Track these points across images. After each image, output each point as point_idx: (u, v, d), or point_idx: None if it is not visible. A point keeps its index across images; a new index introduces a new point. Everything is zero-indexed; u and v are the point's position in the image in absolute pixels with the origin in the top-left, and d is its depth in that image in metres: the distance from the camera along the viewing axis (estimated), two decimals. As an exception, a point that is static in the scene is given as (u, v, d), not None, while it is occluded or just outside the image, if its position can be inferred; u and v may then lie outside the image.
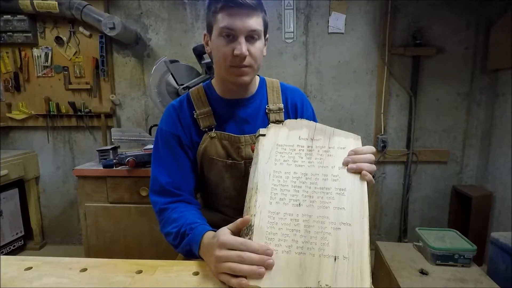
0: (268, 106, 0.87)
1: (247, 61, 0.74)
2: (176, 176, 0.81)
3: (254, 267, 0.51)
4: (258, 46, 0.75)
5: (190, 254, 0.68)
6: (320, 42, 2.12)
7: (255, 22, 0.72)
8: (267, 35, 0.82)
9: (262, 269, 0.51)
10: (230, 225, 0.59)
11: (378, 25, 2.07)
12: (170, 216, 0.76)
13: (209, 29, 0.77)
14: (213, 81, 0.88)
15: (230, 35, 0.72)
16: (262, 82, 0.90)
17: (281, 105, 0.88)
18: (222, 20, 0.71)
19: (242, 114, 0.85)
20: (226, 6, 0.70)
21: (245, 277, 0.51)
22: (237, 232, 0.58)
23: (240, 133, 0.84)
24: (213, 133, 0.82)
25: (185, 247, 0.69)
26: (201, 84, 0.90)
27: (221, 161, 0.83)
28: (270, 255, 0.52)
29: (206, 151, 0.83)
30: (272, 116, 0.86)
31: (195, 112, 0.83)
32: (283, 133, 0.69)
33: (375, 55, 2.11)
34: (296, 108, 0.90)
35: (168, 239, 0.76)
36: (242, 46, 0.71)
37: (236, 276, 0.51)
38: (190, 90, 0.88)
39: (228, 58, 0.73)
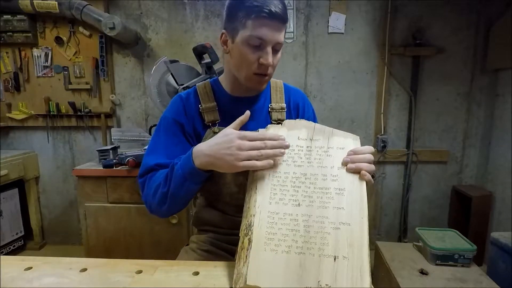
0: (271, 105, 0.88)
1: (269, 70, 0.76)
2: (172, 158, 0.79)
3: (276, 150, 0.62)
4: (279, 56, 0.78)
5: (183, 179, 0.68)
6: (320, 42, 2.12)
7: (282, 35, 0.74)
8: None
9: (283, 150, 0.62)
10: (233, 124, 0.69)
11: (378, 25, 2.07)
12: (156, 177, 0.76)
13: (232, 31, 0.75)
14: (221, 78, 0.89)
15: (259, 45, 0.73)
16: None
17: (284, 105, 0.89)
18: (253, 29, 0.71)
19: (246, 111, 0.86)
20: (260, 15, 0.70)
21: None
22: (238, 128, 0.68)
23: (243, 129, 0.84)
24: (216, 129, 0.83)
25: (176, 178, 0.69)
26: (208, 80, 0.91)
27: None
28: (283, 139, 0.64)
29: None
30: (275, 115, 0.88)
31: (201, 106, 0.84)
32: (282, 133, 0.70)
33: (375, 55, 2.11)
34: (298, 108, 0.92)
35: (156, 197, 0.73)
36: (269, 57, 0.73)
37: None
38: (197, 84, 0.88)
39: (252, 65, 0.75)
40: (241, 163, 0.60)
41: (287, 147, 0.63)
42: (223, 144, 0.63)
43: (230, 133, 0.64)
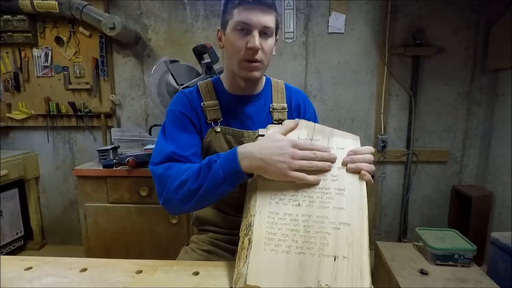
0: (272, 104, 0.89)
1: (259, 55, 0.76)
2: (186, 149, 0.77)
3: (325, 163, 0.61)
4: (270, 43, 0.78)
5: (222, 180, 0.63)
6: (320, 42, 2.12)
7: (269, 19, 0.75)
8: (277, 36, 0.84)
9: (330, 164, 0.62)
10: (281, 130, 0.67)
11: (378, 25, 2.07)
12: (178, 169, 0.70)
13: (224, 24, 0.79)
14: (222, 76, 0.89)
15: (245, 29, 0.74)
16: (268, 81, 0.92)
17: (285, 105, 0.90)
18: (238, 15, 0.74)
19: (247, 110, 0.87)
20: (243, 1, 0.73)
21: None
22: (286, 135, 0.67)
23: (244, 128, 0.85)
24: (217, 128, 0.83)
25: (213, 177, 0.63)
26: (209, 78, 0.91)
27: None
28: (330, 151, 0.63)
29: (210, 145, 0.84)
30: (276, 115, 0.88)
31: (203, 103, 0.84)
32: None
33: (375, 55, 2.11)
34: (299, 108, 0.92)
35: (179, 193, 0.67)
36: (256, 39, 0.73)
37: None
38: (199, 83, 0.89)
39: (241, 51, 0.75)
40: (293, 173, 0.59)
41: (334, 159, 0.62)
42: (276, 149, 0.60)
43: (281, 139, 0.62)
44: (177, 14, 2.12)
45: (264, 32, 0.75)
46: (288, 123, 0.69)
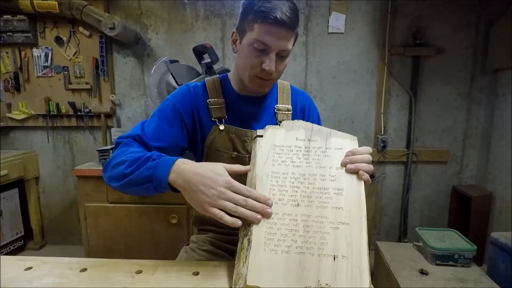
0: (277, 106, 0.89)
1: (272, 75, 0.76)
2: (153, 140, 0.76)
3: (254, 213, 0.56)
4: (285, 62, 0.77)
5: (148, 179, 0.62)
6: (320, 42, 2.12)
7: (288, 42, 0.73)
8: (293, 46, 0.82)
9: (260, 216, 0.56)
10: (228, 166, 0.62)
11: (378, 25, 2.07)
12: (130, 149, 0.69)
13: (241, 31, 0.76)
14: (230, 75, 0.89)
15: (262, 49, 0.72)
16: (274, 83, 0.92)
17: (290, 106, 0.90)
18: (258, 33, 0.71)
19: (252, 110, 0.87)
20: (266, 21, 0.69)
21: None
22: (230, 174, 0.61)
23: (248, 128, 0.85)
24: (221, 126, 0.83)
25: (143, 172, 0.62)
26: (217, 75, 0.90)
27: (227, 153, 0.84)
28: (270, 205, 0.57)
29: (213, 143, 0.84)
30: (280, 116, 0.88)
31: (209, 100, 0.84)
32: (281, 134, 0.70)
33: (375, 55, 2.11)
34: (304, 110, 0.93)
35: (115, 169, 0.67)
36: (272, 63, 0.72)
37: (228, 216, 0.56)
38: (206, 79, 0.88)
39: (255, 68, 0.75)
40: (211, 208, 0.56)
41: (267, 215, 0.57)
42: (207, 180, 0.58)
43: (221, 174, 0.59)
44: (177, 14, 2.12)
45: (281, 55, 0.74)
46: (245, 170, 0.64)
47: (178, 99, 0.82)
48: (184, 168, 0.60)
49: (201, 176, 0.59)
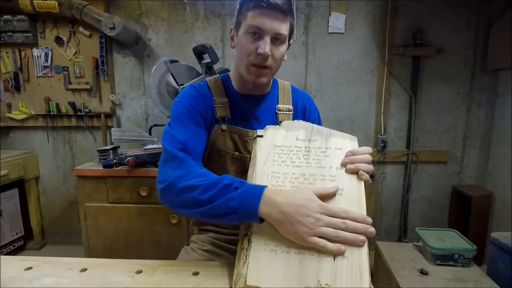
0: (278, 106, 0.89)
1: (268, 62, 0.75)
2: (197, 144, 0.74)
3: (356, 235, 0.53)
4: (281, 49, 0.77)
5: (232, 210, 0.57)
6: (320, 42, 2.12)
7: (283, 26, 0.73)
8: (291, 40, 0.83)
9: (364, 237, 0.53)
10: (318, 189, 0.58)
11: (378, 25, 2.07)
12: (193, 170, 0.65)
13: (237, 25, 0.78)
14: (231, 75, 0.89)
15: (256, 34, 0.73)
16: (275, 83, 0.92)
17: (291, 107, 0.90)
18: (252, 18, 0.72)
19: (254, 110, 0.87)
20: (258, 5, 0.71)
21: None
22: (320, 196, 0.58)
23: (250, 128, 0.85)
24: (224, 126, 0.83)
25: (227, 203, 0.57)
26: (218, 75, 0.90)
27: (228, 153, 0.84)
28: (369, 223, 0.54)
29: (215, 142, 0.83)
30: (281, 117, 0.88)
31: (214, 99, 0.83)
32: (281, 134, 0.70)
33: (375, 55, 2.11)
34: (305, 111, 0.93)
35: (184, 195, 0.61)
36: (267, 46, 0.72)
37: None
38: (208, 79, 0.88)
39: (251, 55, 0.75)
40: (312, 238, 0.52)
41: (371, 234, 0.53)
42: (301, 209, 0.54)
43: (313, 199, 0.55)
44: (177, 14, 2.13)
45: (276, 39, 0.74)
46: (333, 192, 0.59)
47: (192, 99, 0.80)
48: (277, 199, 0.56)
49: (296, 206, 0.54)
